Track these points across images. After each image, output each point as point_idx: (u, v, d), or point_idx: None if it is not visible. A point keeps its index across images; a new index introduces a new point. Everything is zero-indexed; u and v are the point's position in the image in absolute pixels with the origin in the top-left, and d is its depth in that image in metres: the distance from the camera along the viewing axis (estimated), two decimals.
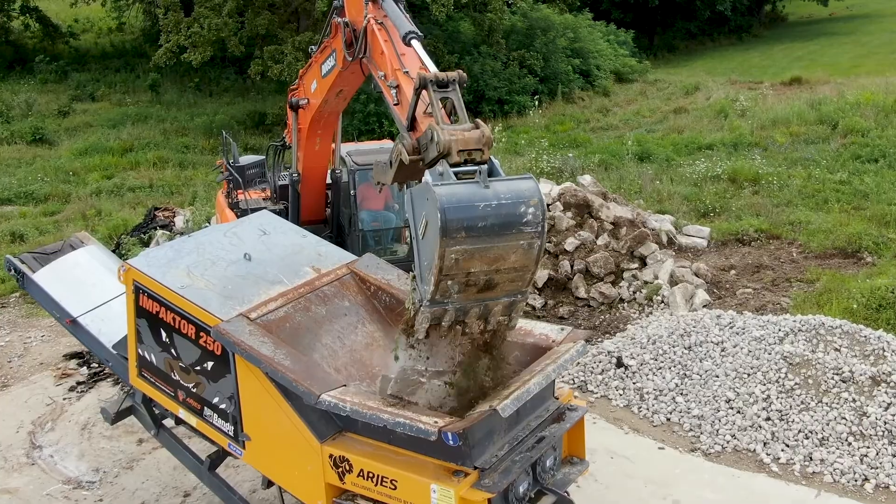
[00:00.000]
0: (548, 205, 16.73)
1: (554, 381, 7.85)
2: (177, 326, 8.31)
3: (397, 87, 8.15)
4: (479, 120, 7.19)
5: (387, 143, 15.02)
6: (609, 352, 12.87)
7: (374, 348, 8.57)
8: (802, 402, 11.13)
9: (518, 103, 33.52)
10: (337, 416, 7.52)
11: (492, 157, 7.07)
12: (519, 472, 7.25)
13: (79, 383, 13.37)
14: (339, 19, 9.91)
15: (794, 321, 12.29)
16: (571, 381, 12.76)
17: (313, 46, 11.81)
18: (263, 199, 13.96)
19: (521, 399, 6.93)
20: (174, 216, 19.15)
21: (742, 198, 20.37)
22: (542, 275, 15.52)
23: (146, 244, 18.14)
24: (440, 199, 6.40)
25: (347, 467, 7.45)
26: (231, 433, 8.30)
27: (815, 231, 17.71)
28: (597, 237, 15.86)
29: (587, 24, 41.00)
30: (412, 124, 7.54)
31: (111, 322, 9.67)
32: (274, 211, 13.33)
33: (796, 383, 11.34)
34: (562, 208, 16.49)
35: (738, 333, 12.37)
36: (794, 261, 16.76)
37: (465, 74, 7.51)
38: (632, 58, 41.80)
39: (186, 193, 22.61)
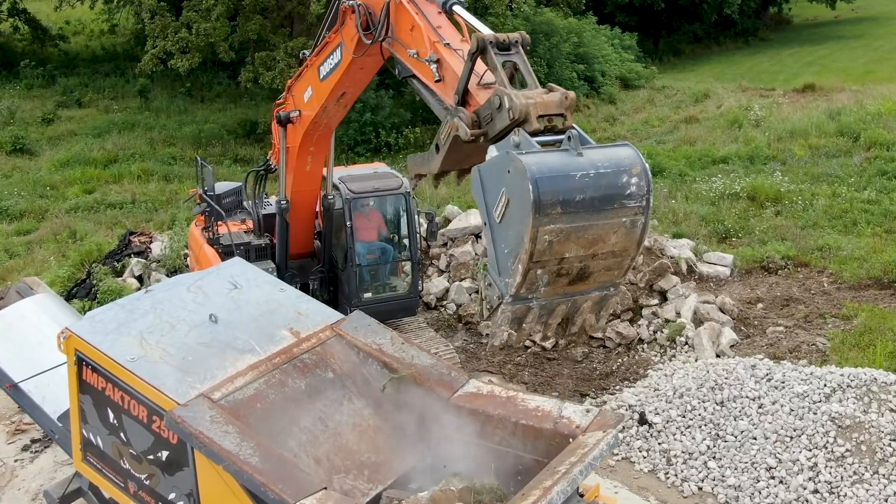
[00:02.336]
0: None
1: None
2: (126, 407, 6.92)
3: (437, 61, 7.35)
4: (552, 84, 6.44)
5: (380, 167, 13.59)
6: (630, 405, 11.47)
7: (362, 430, 7.18)
8: (855, 473, 9.74)
9: None
10: None
11: (574, 125, 6.23)
12: None
13: (33, 441, 11.83)
14: (350, 2, 8.84)
15: (842, 375, 10.88)
16: None
17: (305, 52, 10.69)
18: (245, 233, 12.52)
19: None
20: (150, 242, 17.73)
21: (764, 219, 18.96)
22: None
23: (119, 273, 16.72)
24: (529, 170, 5.53)
25: None
26: None
27: (846, 258, 16.31)
28: None
29: (591, 27, 39.57)
30: (464, 98, 6.80)
31: (58, 388, 8.24)
32: (258, 246, 11.96)
33: (847, 450, 9.94)
34: None
35: (776, 388, 10.97)
36: (826, 292, 15.35)
37: (527, 36, 6.83)
38: (638, 63, 40.38)
39: (166, 215, 21.17)
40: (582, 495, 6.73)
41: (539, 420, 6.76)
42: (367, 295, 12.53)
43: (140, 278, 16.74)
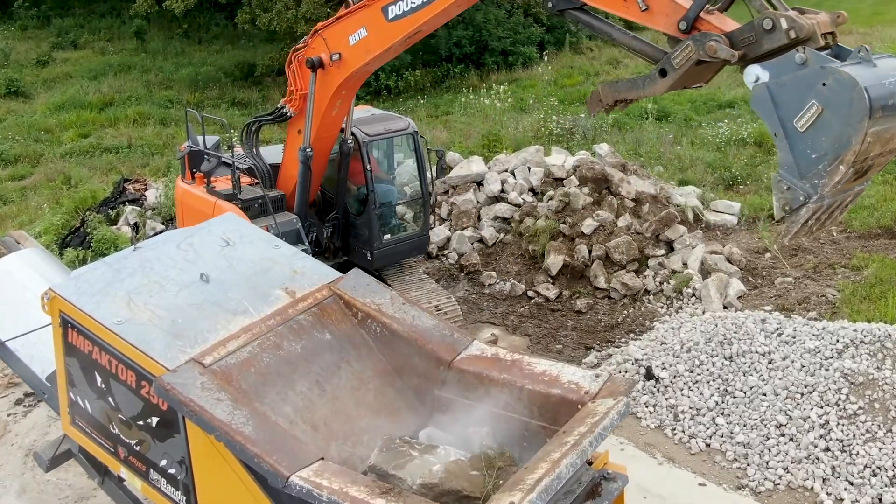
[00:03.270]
0: (562, 179, 15.00)
1: None
2: (114, 371, 6.61)
3: None
4: (801, 7, 7.15)
5: (371, 109, 13.31)
6: (636, 360, 11.17)
7: (361, 394, 6.88)
8: (868, 431, 9.47)
9: (523, 55, 31.48)
10: None
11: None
12: None
13: (27, 395, 11.54)
14: None
15: (855, 330, 10.56)
16: None
17: None
18: (250, 186, 12.00)
19: (550, 490, 5.24)
20: (145, 189, 17.36)
21: (772, 166, 18.49)
22: (556, 261, 13.81)
23: (113, 221, 16.38)
24: (861, 79, 6.24)
25: None
26: None
27: (856, 207, 15.86)
28: (617, 217, 14.12)
29: None
30: (692, 25, 7.41)
31: (46, 347, 7.92)
32: (275, 198, 11.55)
33: (860, 407, 9.67)
34: (577, 183, 14.75)
35: (787, 343, 10.67)
36: (836, 241, 15.02)
37: None
38: None
39: (162, 161, 20.78)
40: (590, 463, 6.44)
41: (546, 385, 6.45)
42: (387, 237, 12.52)
43: (135, 226, 16.42)
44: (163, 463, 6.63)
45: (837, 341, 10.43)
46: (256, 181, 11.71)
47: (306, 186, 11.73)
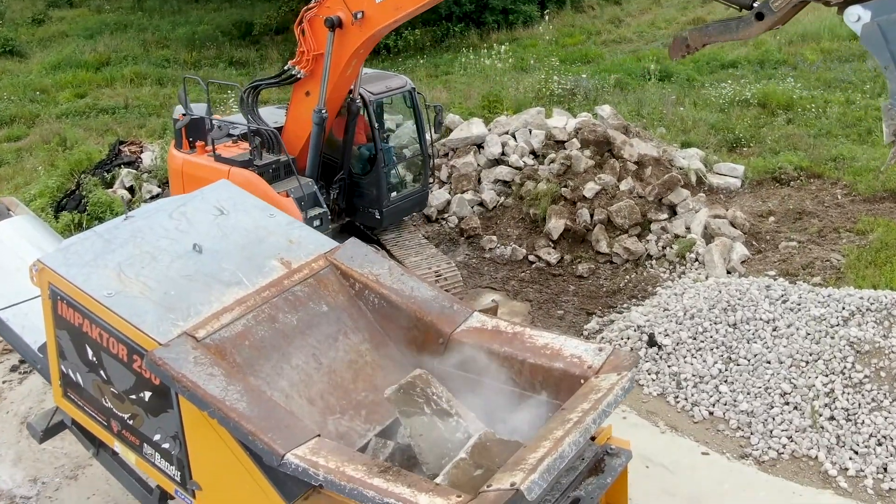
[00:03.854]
0: (564, 141, 14.77)
1: None
2: (105, 345, 6.45)
3: None
4: None
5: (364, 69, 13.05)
6: (639, 326, 11.02)
7: (359, 367, 6.73)
8: (874, 400, 9.34)
9: (524, 13, 31.01)
10: None
11: None
12: None
13: (21, 362, 11.35)
14: None
15: (861, 298, 10.39)
16: None
17: None
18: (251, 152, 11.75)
19: (552, 470, 5.10)
20: (141, 151, 17.11)
21: (776, 127, 18.29)
22: (557, 225, 13.62)
23: (109, 184, 16.15)
24: None
25: None
26: (177, 478, 6.51)
27: (861, 170, 15.70)
28: (619, 181, 13.91)
29: None
30: None
31: (38, 317, 7.74)
32: (286, 163, 11.32)
33: (866, 376, 9.53)
34: (579, 146, 14.51)
35: (792, 310, 10.51)
36: (840, 205, 14.81)
37: None
38: None
39: (158, 122, 20.50)
40: (593, 438, 6.32)
41: (548, 359, 6.30)
42: (393, 195, 12.44)
43: (131, 189, 16.22)
44: (156, 437, 6.49)
45: (843, 309, 10.26)
46: (254, 147, 11.46)
47: (319, 149, 11.53)
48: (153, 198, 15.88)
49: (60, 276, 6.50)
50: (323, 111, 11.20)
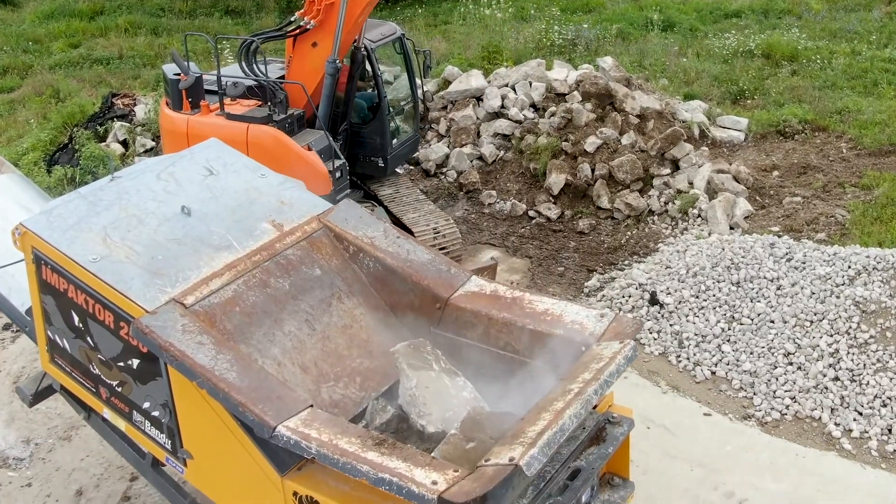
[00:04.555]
0: (565, 94, 14.48)
1: None
2: (91, 311, 6.25)
3: None
4: None
5: None
6: (640, 284, 10.83)
7: (353, 333, 6.54)
8: (879, 360, 9.19)
9: None
10: None
11: None
12: None
13: None
14: None
15: (868, 256, 10.19)
16: None
17: None
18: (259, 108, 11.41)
19: (552, 444, 4.92)
20: (134, 104, 16.79)
21: (780, 79, 17.94)
22: (558, 180, 13.38)
23: (102, 138, 15.87)
24: None
25: None
26: (168, 447, 6.36)
27: (866, 122, 15.42)
28: (621, 135, 13.64)
29: None
30: None
31: (25, 279, 7.55)
32: (299, 116, 11.09)
33: (871, 336, 9.36)
34: (580, 99, 14.22)
35: (797, 269, 10.31)
36: (845, 159, 14.55)
37: None
38: None
39: (153, 73, 20.11)
40: (595, 406, 6.14)
41: (548, 325, 6.11)
42: (395, 141, 12.41)
43: (125, 143, 15.95)
44: (146, 405, 6.33)
45: (849, 267, 10.07)
46: (272, 101, 11.18)
47: (331, 100, 11.36)
48: (147, 152, 15.63)
49: (44, 240, 6.28)
50: (337, 61, 11.05)
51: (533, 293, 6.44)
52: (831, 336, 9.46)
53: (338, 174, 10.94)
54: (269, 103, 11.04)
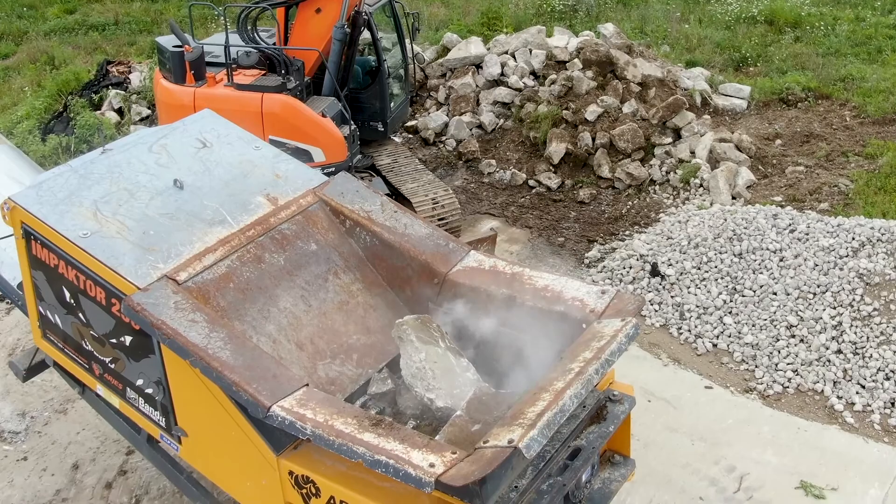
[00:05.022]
0: (565, 62, 14.29)
1: None
2: (82, 287, 6.13)
3: None
4: None
5: None
6: (641, 255, 10.72)
7: (350, 309, 6.43)
8: (882, 334, 9.08)
9: None
10: None
11: None
12: None
13: None
14: None
15: (872, 228, 10.05)
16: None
17: None
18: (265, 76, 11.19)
19: (552, 425, 4.82)
20: (129, 72, 16.58)
21: (783, 46, 17.71)
22: (558, 149, 13.22)
23: (97, 106, 15.69)
24: None
25: (313, 490, 5.46)
26: (162, 424, 6.27)
27: (870, 91, 15.23)
28: (622, 103, 13.47)
29: None
30: None
31: (16, 253, 7.45)
32: (308, 84, 10.91)
33: (875, 309, 9.25)
34: (581, 66, 14.03)
35: (800, 240, 10.18)
36: (849, 127, 14.37)
37: None
38: None
39: (147, 41, 19.86)
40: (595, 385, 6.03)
41: (548, 302, 5.99)
42: (392, 105, 12.33)
43: (120, 111, 15.77)
44: (139, 382, 6.22)
45: (853, 239, 9.94)
46: (263, 72, 10.98)
47: (339, 65, 11.21)
48: (143, 120, 15.46)
49: (33, 215, 6.15)
50: (345, 26, 10.89)
51: (533, 269, 6.32)
52: (834, 308, 9.35)
53: (351, 139, 10.91)
54: (283, 72, 10.85)
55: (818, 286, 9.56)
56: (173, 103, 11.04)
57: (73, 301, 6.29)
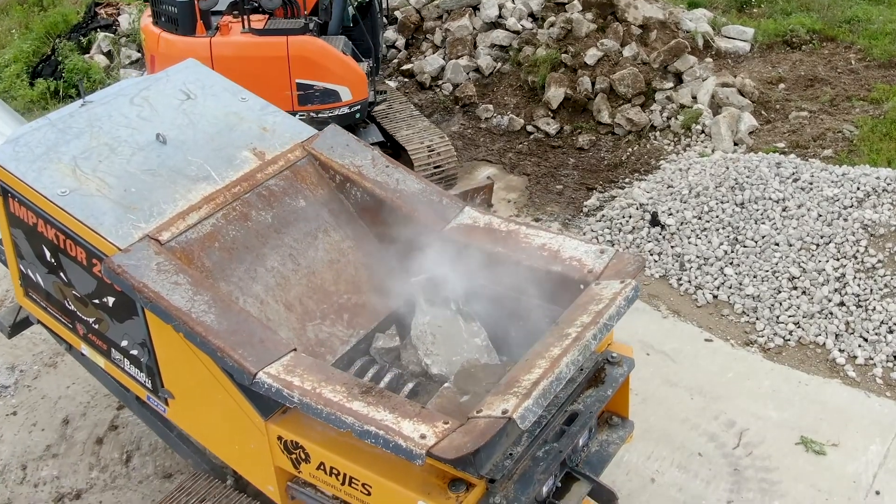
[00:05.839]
0: (564, 3, 13.93)
1: None
2: (62, 247, 5.93)
3: None
4: None
5: None
6: (641, 204, 10.50)
7: (340, 267, 6.23)
8: (886, 286, 8.90)
9: None
10: None
11: None
12: (544, 478, 5.11)
13: None
14: None
15: (878, 178, 9.82)
16: (595, 241, 10.45)
17: None
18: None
19: (548, 394, 4.65)
20: (118, 14, 16.17)
21: None
22: (557, 94, 12.92)
23: (86, 49, 15.33)
24: None
25: (303, 455, 5.31)
26: (149, 386, 6.11)
27: (876, 33, 14.84)
28: (623, 46, 13.13)
29: None
30: None
31: None
32: (321, 25, 10.59)
33: (879, 261, 9.06)
34: (581, 8, 13.67)
35: (804, 189, 9.96)
36: (854, 71, 14.04)
37: None
38: None
39: None
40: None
41: (545, 261, 5.79)
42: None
43: (109, 54, 15.41)
44: (124, 343, 6.05)
45: (858, 189, 9.71)
46: (268, 15, 10.64)
47: (345, 2, 10.93)
48: (133, 63, 15.12)
49: (9, 172, 5.91)
50: None
51: (529, 226, 6.11)
52: (838, 260, 9.17)
53: (370, 76, 10.76)
54: (306, 13, 10.61)
55: (821, 237, 9.36)
56: (179, 54, 10.44)
57: (53, 261, 6.09)
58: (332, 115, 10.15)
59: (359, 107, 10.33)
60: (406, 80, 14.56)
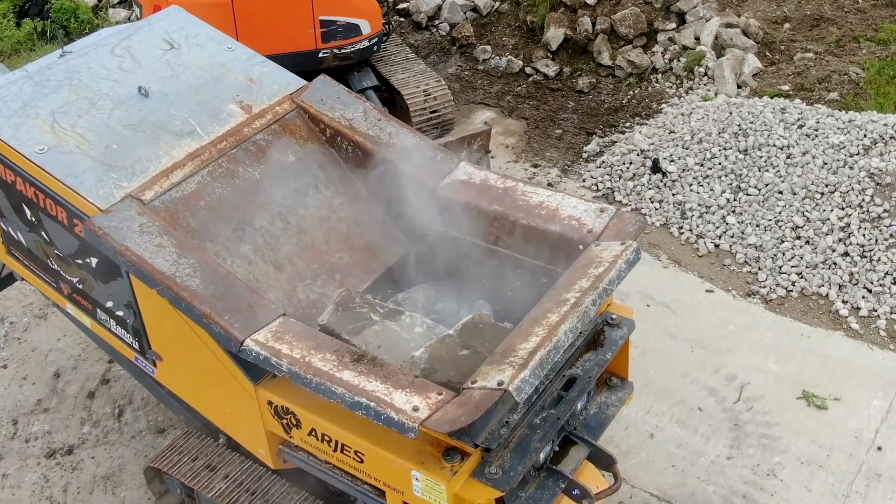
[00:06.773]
0: None
1: None
2: (42, 206, 5.72)
3: None
4: None
5: None
6: (642, 150, 10.26)
7: (331, 225, 6.02)
8: (892, 236, 8.71)
9: None
10: None
11: None
12: (541, 446, 4.97)
13: None
14: None
15: (885, 125, 9.56)
16: (594, 188, 10.27)
17: None
18: None
19: (545, 364, 4.48)
20: None
21: None
22: (556, 34, 12.60)
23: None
24: None
25: (294, 421, 5.18)
26: (136, 347, 5.95)
27: None
28: None
29: None
30: None
31: None
32: None
33: (885, 210, 8.85)
34: None
35: (809, 136, 9.70)
36: (861, 10, 13.67)
37: None
38: None
39: None
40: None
41: (543, 220, 5.59)
42: None
43: None
44: (109, 304, 5.87)
45: (865, 136, 9.46)
46: None
47: None
48: (121, 3, 14.76)
49: None
50: None
51: (527, 183, 5.89)
52: (842, 209, 8.96)
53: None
54: None
55: (826, 185, 9.15)
56: (202, 3, 9.79)
57: (34, 220, 5.89)
58: (354, 49, 10.22)
59: (376, 39, 10.39)
60: (402, 19, 14.20)
